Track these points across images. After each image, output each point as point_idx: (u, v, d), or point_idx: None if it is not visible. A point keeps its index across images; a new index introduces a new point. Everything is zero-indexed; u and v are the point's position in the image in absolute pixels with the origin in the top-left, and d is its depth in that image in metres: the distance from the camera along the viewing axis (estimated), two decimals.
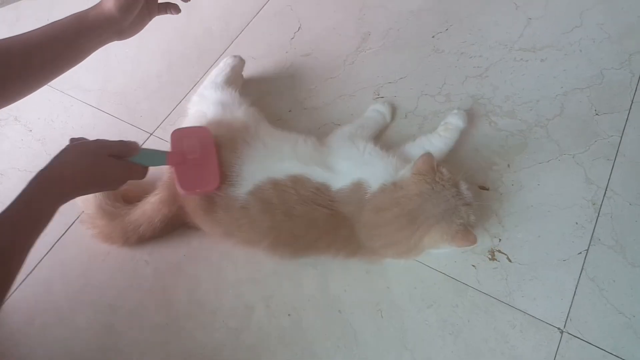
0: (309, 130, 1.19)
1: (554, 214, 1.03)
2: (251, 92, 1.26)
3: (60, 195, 0.81)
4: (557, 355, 0.89)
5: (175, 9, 0.98)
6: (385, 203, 0.90)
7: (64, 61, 0.90)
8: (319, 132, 1.19)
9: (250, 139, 1.00)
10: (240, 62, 1.22)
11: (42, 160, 1.19)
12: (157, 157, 0.93)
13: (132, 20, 0.91)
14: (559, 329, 0.92)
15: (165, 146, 1.18)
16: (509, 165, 1.10)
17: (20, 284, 1.05)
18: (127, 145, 0.88)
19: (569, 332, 0.91)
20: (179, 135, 0.98)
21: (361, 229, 0.92)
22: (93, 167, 0.83)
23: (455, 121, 1.09)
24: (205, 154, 0.95)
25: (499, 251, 1.00)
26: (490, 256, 1.00)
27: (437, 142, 1.08)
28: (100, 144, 0.86)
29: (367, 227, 0.91)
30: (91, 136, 1.21)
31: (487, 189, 1.07)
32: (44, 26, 0.87)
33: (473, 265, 0.99)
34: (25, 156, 1.24)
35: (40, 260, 1.07)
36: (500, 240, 1.01)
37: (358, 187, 0.93)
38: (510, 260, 0.99)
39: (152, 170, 0.93)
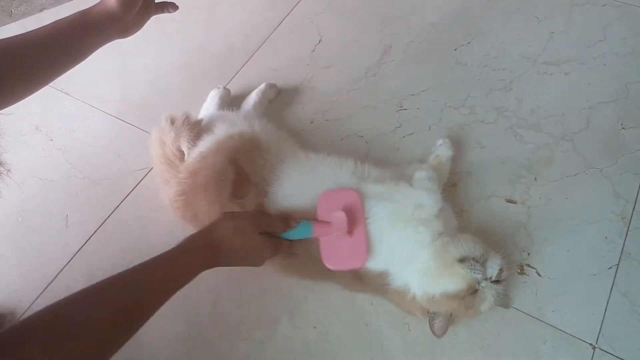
0: (331, 141, 1.22)
1: (583, 228, 1.05)
2: (272, 104, 1.30)
3: (209, 265, 0.85)
4: None
5: (172, 7, 0.99)
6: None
7: (67, 59, 0.92)
8: (342, 143, 1.22)
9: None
10: (225, 92, 1.27)
11: (63, 169, 1.26)
12: (303, 228, 0.90)
13: (133, 17, 0.93)
14: (591, 344, 0.92)
15: None
16: (536, 179, 1.11)
17: (41, 293, 1.06)
18: (286, 223, 0.90)
19: (602, 348, 0.92)
20: (327, 200, 0.94)
21: None
22: (246, 245, 0.86)
23: (444, 152, 1.10)
24: (353, 223, 0.91)
25: (528, 265, 1.01)
26: (519, 270, 1.01)
27: (432, 174, 1.02)
28: (258, 221, 0.88)
29: None
30: (113, 147, 1.26)
31: (515, 202, 1.09)
32: (46, 25, 0.88)
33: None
34: (47, 165, 1.26)
35: (61, 270, 1.09)
36: (529, 254, 1.02)
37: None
38: (539, 275, 1.00)
39: None
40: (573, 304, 0.96)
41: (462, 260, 0.88)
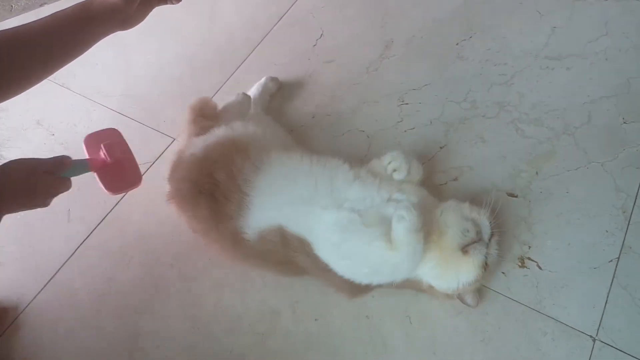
0: (332, 136, 1.23)
1: (583, 221, 1.06)
2: (274, 98, 1.31)
3: None
4: None
5: None
6: None
7: (68, 52, 0.91)
8: (343, 138, 1.23)
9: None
10: (272, 83, 1.30)
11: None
12: (81, 166, 0.94)
13: (135, 8, 0.92)
14: (591, 337, 0.94)
15: None
16: (537, 173, 1.12)
17: (44, 287, 1.08)
18: (61, 161, 0.88)
19: (602, 340, 0.93)
20: (92, 141, 0.99)
21: None
22: (27, 183, 0.83)
23: (399, 176, 1.02)
24: (122, 154, 0.98)
25: (529, 258, 1.02)
26: (520, 263, 1.02)
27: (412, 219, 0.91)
28: (35, 162, 0.86)
29: None
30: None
31: (516, 196, 1.10)
32: (46, 17, 0.87)
33: (503, 273, 1.01)
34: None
35: (63, 265, 1.10)
36: (529, 247, 1.03)
37: None
38: (540, 268, 1.01)
39: None
40: (573, 297, 0.98)
41: (464, 250, 0.89)
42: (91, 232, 1.14)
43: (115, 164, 0.96)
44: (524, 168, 1.14)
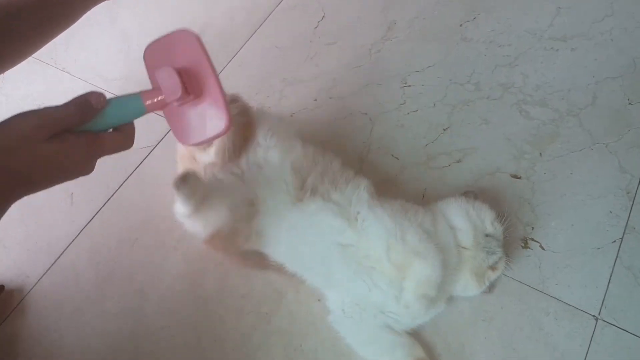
0: (334, 119, 1.24)
1: (587, 202, 1.07)
2: (275, 82, 1.32)
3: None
4: (592, 342, 0.92)
5: None
6: None
7: (57, 22, 0.83)
8: (345, 121, 1.24)
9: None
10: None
11: None
12: (130, 104, 0.65)
13: None
14: (593, 316, 0.95)
15: None
16: (541, 154, 1.13)
17: (48, 269, 1.10)
18: (83, 104, 0.62)
19: (604, 319, 0.94)
20: (157, 55, 0.69)
21: None
22: (33, 163, 0.60)
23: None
24: (199, 78, 0.65)
25: (532, 239, 1.03)
26: (523, 244, 1.03)
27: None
28: (40, 123, 0.60)
29: None
30: None
31: (519, 178, 1.11)
32: None
33: (507, 255, 1.02)
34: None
35: (67, 247, 1.12)
36: (533, 228, 1.05)
37: None
38: (543, 248, 1.02)
39: None
40: (576, 277, 0.99)
41: (493, 267, 0.94)
42: (95, 215, 1.16)
43: (194, 97, 0.66)
44: (528, 149, 1.14)
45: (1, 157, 0.58)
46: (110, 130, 0.65)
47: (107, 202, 1.17)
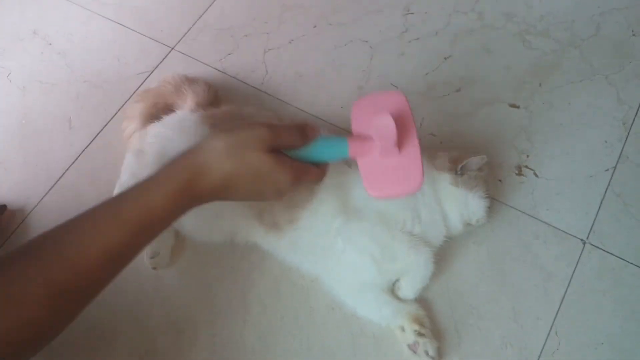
0: (334, 46, 1.24)
1: (583, 132, 1.09)
2: (274, 7, 1.30)
3: (193, 202, 0.66)
4: (578, 264, 0.97)
5: None
6: None
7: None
8: (345, 48, 1.24)
9: None
10: None
11: (63, 73, 1.29)
12: (335, 146, 0.70)
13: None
14: (582, 240, 0.99)
15: (187, 65, 1.26)
16: (540, 84, 1.14)
17: (49, 190, 1.13)
18: (302, 131, 0.67)
19: (592, 243, 0.99)
20: (365, 109, 0.73)
21: None
22: (244, 169, 0.64)
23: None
24: (402, 135, 0.69)
25: (526, 167, 1.06)
26: (517, 171, 1.06)
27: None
28: (260, 130, 0.64)
29: None
30: (112, 51, 1.29)
31: (518, 107, 1.12)
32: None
33: (500, 180, 1.05)
34: (46, 69, 1.29)
35: (67, 169, 1.15)
36: (528, 156, 1.07)
37: None
38: (537, 176, 1.05)
39: None
40: (567, 203, 1.02)
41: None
42: (93, 139, 1.18)
43: (393, 153, 0.69)
44: (528, 79, 1.15)
45: (225, 156, 0.63)
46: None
47: (105, 126, 1.19)
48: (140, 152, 1.03)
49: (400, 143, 0.69)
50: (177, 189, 0.64)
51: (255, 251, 1.00)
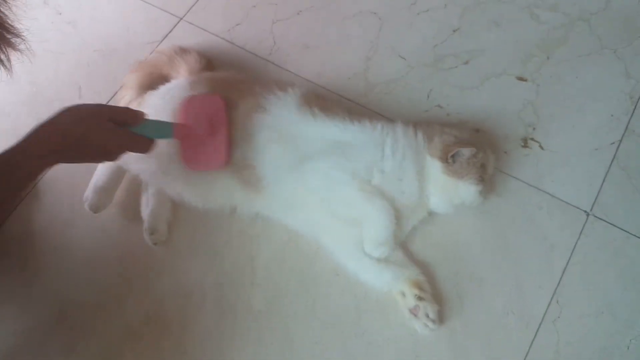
0: (343, 18, 1.23)
1: (590, 106, 1.09)
2: None
3: (41, 159, 0.81)
4: (581, 235, 0.97)
5: None
6: None
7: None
8: (354, 20, 1.23)
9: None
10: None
11: (73, 42, 1.29)
12: (163, 128, 0.90)
13: None
14: (585, 211, 1.00)
15: (196, 35, 1.26)
16: (548, 58, 1.14)
17: None
18: (132, 112, 0.86)
19: (595, 215, 0.99)
20: (190, 105, 0.96)
21: None
22: (88, 132, 0.80)
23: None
24: (215, 128, 0.93)
25: (532, 139, 1.06)
26: (522, 143, 1.06)
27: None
28: (101, 108, 0.85)
29: None
30: (121, 21, 1.29)
31: (525, 80, 1.12)
32: None
33: (505, 152, 1.05)
34: (56, 38, 1.29)
35: None
36: (534, 129, 1.07)
37: None
38: (542, 148, 1.06)
39: None
40: (572, 176, 1.03)
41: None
42: None
43: (206, 139, 0.92)
44: (536, 53, 1.15)
45: (72, 119, 0.82)
46: None
47: (114, 95, 1.19)
48: None
49: (212, 132, 0.92)
50: (38, 155, 0.80)
51: (262, 218, 1.01)
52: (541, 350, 0.90)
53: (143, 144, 0.86)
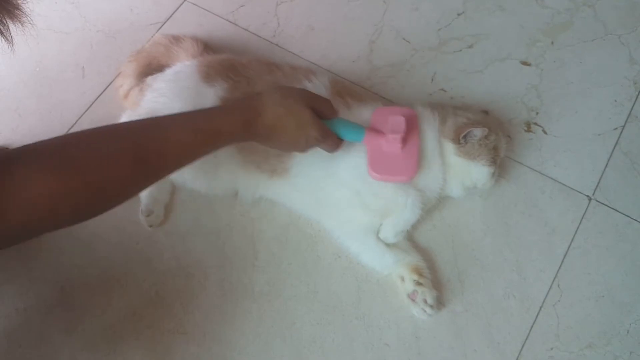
0: (347, 1, 1.21)
1: (593, 91, 1.08)
2: None
3: (247, 130, 0.78)
4: (583, 220, 0.97)
5: None
6: None
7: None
8: (357, 3, 1.21)
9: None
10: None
11: (77, 23, 1.28)
12: (354, 130, 0.87)
13: None
14: (587, 196, 0.99)
15: (199, 16, 1.24)
16: (552, 43, 1.12)
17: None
18: (332, 105, 0.83)
19: (597, 199, 0.98)
20: (383, 114, 0.91)
21: None
22: (292, 115, 0.78)
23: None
24: (406, 140, 0.88)
25: (535, 123, 1.05)
26: (525, 128, 1.05)
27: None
28: (306, 92, 0.82)
29: None
30: (126, 1, 1.27)
31: (529, 65, 1.11)
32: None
33: (508, 136, 1.04)
34: (60, 19, 1.27)
35: (80, 117, 1.14)
36: (537, 113, 1.06)
37: None
38: (545, 133, 1.04)
39: None
40: (574, 160, 1.02)
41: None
42: (107, 87, 1.17)
43: (395, 145, 0.87)
44: (540, 38, 1.13)
45: (279, 102, 0.79)
46: None
47: (118, 75, 1.18)
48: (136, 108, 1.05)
49: (404, 142, 0.87)
50: (240, 121, 0.77)
51: (264, 200, 1.01)
52: (541, 334, 0.89)
53: (333, 141, 0.83)
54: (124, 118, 1.06)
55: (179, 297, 0.95)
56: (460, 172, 0.93)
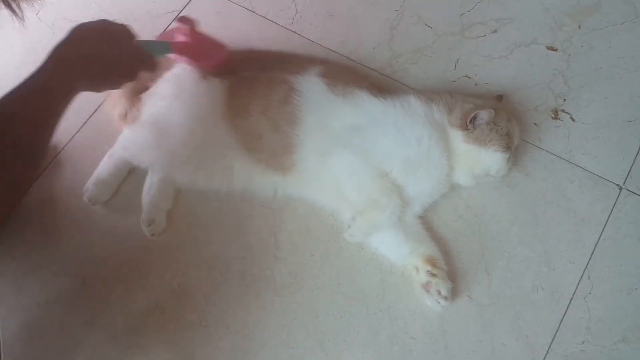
0: None
1: (623, 76, 0.99)
2: None
3: (71, 85, 0.76)
4: (614, 210, 0.89)
5: None
6: None
7: None
8: None
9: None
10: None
11: (92, 11, 1.20)
12: (160, 46, 0.88)
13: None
14: (618, 185, 0.91)
15: (215, 4, 1.16)
16: (579, 27, 1.04)
17: (81, 127, 1.06)
18: (130, 28, 0.79)
19: (629, 189, 0.91)
20: (168, 34, 0.95)
21: None
22: (111, 48, 0.75)
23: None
24: (197, 35, 0.92)
25: (563, 110, 0.97)
26: (553, 115, 0.97)
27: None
28: (110, 24, 0.78)
29: None
30: None
31: (555, 50, 1.02)
32: None
33: (535, 124, 0.96)
34: (75, 7, 1.20)
35: (98, 107, 1.08)
36: (565, 100, 0.98)
37: None
38: (573, 120, 0.96)
39: None
40: (604, 148, 0.94)
41: None
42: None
43: (195, 43, 0.90)
44: (567, 21, 1.04)
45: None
46: None
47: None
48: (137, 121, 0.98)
49: (198, 39, 0.91)
50: (67, 80, 0.75)
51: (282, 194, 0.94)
52: (572, 327, 0.82)
53: (151, 61, 0.82)
54: (126, 133, 0.99)
55: (200, 289, 0.89)
56: (470, 160, 0.87)
